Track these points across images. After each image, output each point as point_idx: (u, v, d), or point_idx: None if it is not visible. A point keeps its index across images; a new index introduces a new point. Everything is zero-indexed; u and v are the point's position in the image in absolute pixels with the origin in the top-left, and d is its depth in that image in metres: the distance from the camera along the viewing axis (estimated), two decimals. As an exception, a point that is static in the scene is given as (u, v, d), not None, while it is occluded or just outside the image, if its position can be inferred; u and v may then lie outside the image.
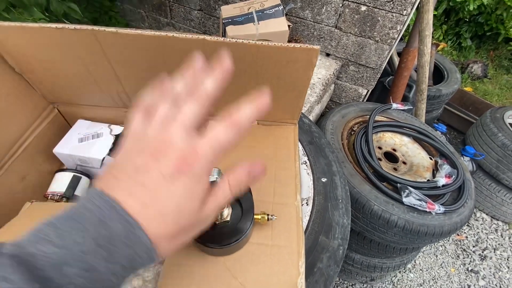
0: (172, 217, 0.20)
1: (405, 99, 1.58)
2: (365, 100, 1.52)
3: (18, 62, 0.43)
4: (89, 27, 0.36)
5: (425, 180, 0.98)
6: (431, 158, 1.09)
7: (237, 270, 0.32)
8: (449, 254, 1.52)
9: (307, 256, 0.49)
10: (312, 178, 0.62)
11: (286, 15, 1.21)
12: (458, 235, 1.61)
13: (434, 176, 1.02)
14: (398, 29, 1.03)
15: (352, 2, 1.06)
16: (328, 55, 1.27)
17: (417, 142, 1.15)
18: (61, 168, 0.51)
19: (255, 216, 0.34)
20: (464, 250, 1.54)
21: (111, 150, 0.49)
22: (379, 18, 1.04)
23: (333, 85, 1.31)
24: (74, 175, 0.49)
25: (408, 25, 1.53)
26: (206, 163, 0.20)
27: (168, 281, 0.31)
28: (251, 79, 0.41)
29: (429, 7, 0.91)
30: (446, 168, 0.98)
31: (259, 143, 0.46)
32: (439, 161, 1.03)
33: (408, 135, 1.16)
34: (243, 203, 0.34)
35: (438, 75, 1.81)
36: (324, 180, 0.61)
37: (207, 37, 0.36)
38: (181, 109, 0.21)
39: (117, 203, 0.18)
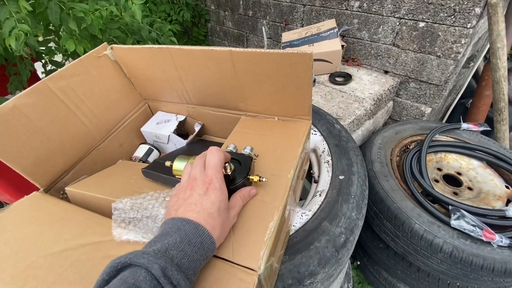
0: (215, 214, 0.34)
1: (490, 122, 1.36)
2: (443, 121, 1.39)
3: (128, 70, 0.68)
4: (165, 46, 0.57)
5: (491, 208, 0.84)
6: (507, 187, 0.92)
7: (229, 211, 0.43)
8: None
9: (308, 235, 0.56)
10: (330, 175, 0.68)
11: (343, 37, 1.29)
12: None
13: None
14: (462, 42, 0.97)
15: (409, 19, 1.06)
16: (386, 72, 1.26)
17: (490, 168, 1.00)
18: (143, 142, 0.75)
19: (250, 176, 0.45)
20: None
21: (175, 130, 0.70)
22: (440, 33, 1.00)
23: (391, 102, 1.27)
24: (149, 147, 0.72)
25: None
26: (217, 178, 0.37)
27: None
28: (266, 79, 0.54)
29: (497, 18, 0.84)
30: (523, 198, 0.83)
31: (273, 133, 0.57)
32: (517, 190, 0.87)
33: (480, 159, 1.02)
34: (243, 166, 0.46)
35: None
36: (341, 177, 0.66)
37: (233, 49, 0.51)
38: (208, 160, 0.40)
39: (183, 218, 0.33)
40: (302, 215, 0.60)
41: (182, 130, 0.79)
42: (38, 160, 0.52)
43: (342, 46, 1.18)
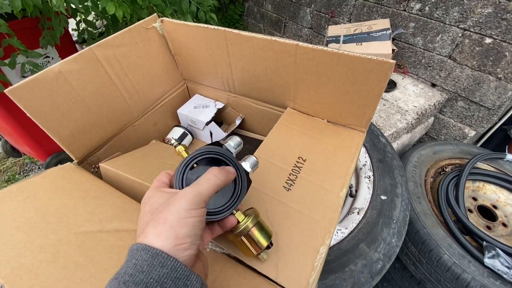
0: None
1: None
2: (477, 145, 1.31)
3: (174, 47, 0.64)
4: (222, 28, 0.52)
5: (528, 251, 0.79)
6: (548, 231, 0.86)
7: (275, 221, 0.40)
8: None
9: (343, 255, 0.53)
10: (371, 193, 0.63)
11: (393, 40, 1.20)
12: None
13: (545, 252, 0.80)
14: (532, 68, 0.88)
15: (475, 32, 0.96)
16: (434, 85, 1.17)
17: (532, 207, 0.92)
18: (178, 124, 0.72)
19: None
20: None
21: (212, 118, 0.66)
22: (507, 54, 0.91)
23: (432, 118, 1.19)
24: (184, 131, 0.68)
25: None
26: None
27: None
28: (329, 82, 0.49)
29: None
30: None
31: (323, 137, 0.53)
32: (560, 237, 0.81)
33: (521, 195, 0.95)
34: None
35: None
36: (383, 197, 0.62)
37: (300, 43, 0.46)
38: None
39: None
40: (337, 232, 0.56)
41: (217, 118, 0.75)
42: (76, 132, 0.50)
43: (393, 50, 1.09)
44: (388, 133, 0.96)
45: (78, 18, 1.42)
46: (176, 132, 0.68)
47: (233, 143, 0.35)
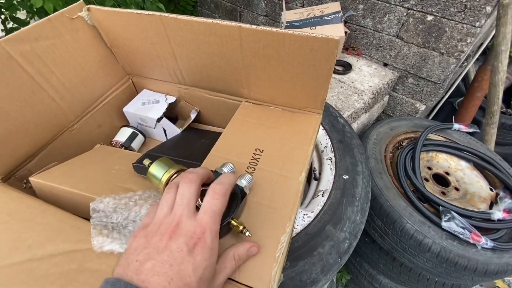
0: (194, 286, 0.23)
1: (477, 124, 1.40)
2: (429, 118, 1.40)
3: (109, 39, 0.57)
4: (157, 13, 0.47)
5: (477, 210, 0.87)
6: (491, 189, 0.95)
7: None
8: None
9: (310, 239, 0.52)
10: (333, 174, 0.64)
11: (345, 22, 1.22)
12: (504, 281, 1.35)
13: (491, 209, 0.89)
14: (468, 41, 0.94)
15: (418, 11, 1.01)
16: (386, 65, 1.22)
17: (477, 169, 1.02)
18: (126, 124, 0.65)
19: (233, 221, 0.33)
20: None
21: (164, 113, 0.61)
22: (447, 29, 0.97)
23: (387, 96, 1.25)
24: (133, 131, 0.62)
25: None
26: (211, 231, 0.26)
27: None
28: (278, 65, 0.46)
29: (506, 19, 0.82)
30: (507, 202, 0.85)
31: (279, 125, 0.51)
32: (501, 194, 0.89)
33: (468, 160, 1.03)
34: (230, 203, 0.33)
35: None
36: (345, 177, 0.62)
37: (243, 25, 0.43)
38: (182, 194, 0.28)
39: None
40: (304, 217, 0.55)
41: (171, 113, 0.70)
42: (-7, 143, 0.42)
43: (345, 32, 1.11)
44: (347, 114, 0.98)
45: (3, 16, 1.24)
46: (125, 133, 0.62)
47: (245, 182, 0.36)
